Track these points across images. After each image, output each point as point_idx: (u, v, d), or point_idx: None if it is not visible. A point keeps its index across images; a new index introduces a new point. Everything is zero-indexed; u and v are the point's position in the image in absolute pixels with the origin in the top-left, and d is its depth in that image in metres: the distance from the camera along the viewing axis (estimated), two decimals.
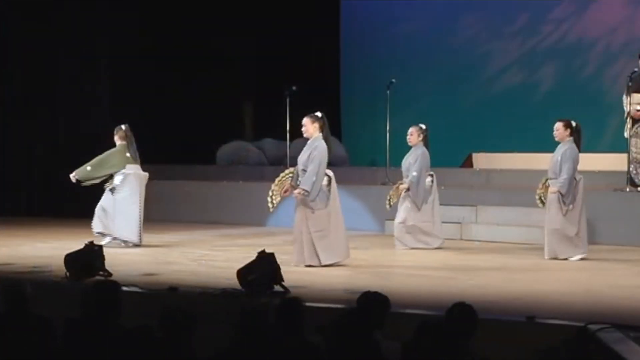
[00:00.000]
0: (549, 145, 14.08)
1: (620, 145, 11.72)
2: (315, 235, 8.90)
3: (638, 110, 11.22)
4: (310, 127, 9.03)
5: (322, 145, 8.92)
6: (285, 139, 13.89)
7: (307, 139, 9.13)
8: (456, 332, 4.64)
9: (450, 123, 15.56)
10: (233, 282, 7.47)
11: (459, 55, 15.79)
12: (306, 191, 8.79)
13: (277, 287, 7.41)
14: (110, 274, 8.08)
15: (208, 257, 9.96)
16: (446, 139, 15.18)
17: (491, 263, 9.47)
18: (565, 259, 9.45)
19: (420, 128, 10.64)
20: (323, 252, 8.92)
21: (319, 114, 9.11)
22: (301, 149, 15.06)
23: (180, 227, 12.93)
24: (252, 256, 7.62)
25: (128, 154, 10.88)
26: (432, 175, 10.56)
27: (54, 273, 8.39)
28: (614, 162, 12.28)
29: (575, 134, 9.70)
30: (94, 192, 13.43)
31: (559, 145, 9.68)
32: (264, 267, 7.46)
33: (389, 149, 13.04)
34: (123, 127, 11.03)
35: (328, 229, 8.95)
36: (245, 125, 17.02)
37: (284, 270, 7.57)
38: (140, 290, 7.49)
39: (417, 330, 4.32)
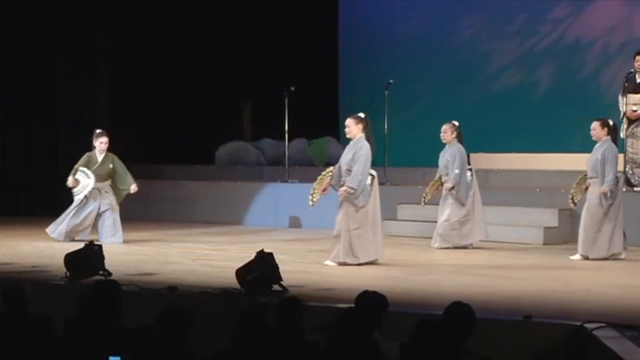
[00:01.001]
0: (548, 145, 14.16)
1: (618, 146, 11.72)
2: (354, 233, 9.03)
3: (634, 111, 11.23)
4: (354, 128, 9.18)
5: (366, 145, 9.09)
6: (284, 139, 13.91)
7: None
8: (454, 331, 4.65)
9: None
10: (232, 281, 7.48)
11: (457, 55, 15.79)
12: (353, 189, 8.94)
13: (276, 287, 7.43)
14: (110, 274, 8.09)
15: (207, 256, 9.97)
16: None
17: (489, 262, 9.48)
18: (605, 258, 9.45)
19: (454, 125, 10.65)
20: (360, 250, 9.05)
21: (362, 114, 9.28)
22: (300, 150, 15.21)
23: (179, 227, 12.94)
24: (251, 256, 7.63)
25: None
26: (471, 170, 10.61)
27: (54, 273, 8.40)
28: None
29: (613, 132, 9.79)
30: None
31: (597, 145, 9.73)
32: (263, 267, 7.47)
33: (388, 149, 13.05)
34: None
35: (366, 227, 9.08)
36: (244, 126, 17.03)
37: (283, 269, 7.59)
38: (139, 289, 7.50)
39: (415, 329, 4.33)
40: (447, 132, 10.61)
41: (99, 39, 14.90)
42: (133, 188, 11.20)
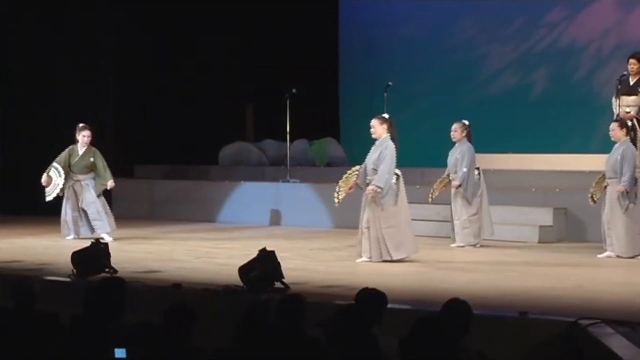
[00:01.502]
0: (543, 146, 14.15)
1: (610, 147, 11.69)
2: (386, 232, 9.09)
3: (627, 112, 11.22)
4: (379, 128, 9.25)
5: (391, 145, 9.15)
6: (286, 140, 13.91)
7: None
8: (452, 328, 4.66)
9: (446, 124, 15.52)
10: (235, 279, 7.48)
11: (455, 57, 15.79)
12: (380, 187, 8.99)
13: (278, 284, 7.43)
14: (115, 271, 8.10)
15: (211, 254, 9.98)
16: (442, 140, 15.18)
17: (486, 260, 9.48)
18: (633, 257, 9.42)
19: (464, 124, 10.63)
20: (394, 247, 9.11)
21: (386, 115, 9.37)
22: (301, 150, 15.21)
23: (183, 226, 12.95)
24: (253, 254, 7.64)
25: None
26: (478, 169, 10.58)
27: (61, 270, 8.41)
28: (604, 162, 12.27)
29: (631, 132, 9.83)
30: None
31: (616, 145, 9.72)
32: (265, 265, 7.48)
33: None
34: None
35: (398, 225, 9.11)
36: (247, 127, 17.03)
37: (284, 267, 7.59)
38: (145, 286, 7.51)
39: (413, 325, 4.34)
40: (457, 131, 10.60)
41: (104, 39, 14.89)
42: (110, 184, 11.31)
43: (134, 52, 15.58)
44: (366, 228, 9.16)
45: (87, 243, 8.47)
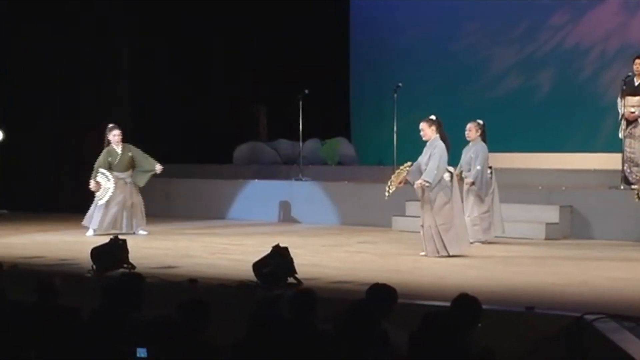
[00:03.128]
0: (547, 146, 14.10)
1: (614, 146, 11.67)
2: (442, 228, 9.12)
3: (632, 112, 11.17)
4: (428, 130, 9.26)
5: (441, 144, 9.16)
6: (298, 140, 13.90)
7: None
8: (460, 322, 4.62)
9: (453, 124, 15.43)
10: (249, 274, 7.47)
11: (461, 60, 15.76)
12: (428, 182, 8.99)
13: (291, 280, 7.41)
14: (134, 267, 8.10)
15: (226, 250, 9.97)
16: (451, 139, 15.12)
17: (493, 256, 9.44)
18: None
19: (478, 123, 10.58)
20: (449, 243, 9.15)
21: (433, 117, 9.32)
22: (313, 149, 15.19)
23: (198, 223, 12.96)
24: (267, 250, 7.62)
25: None
26: (491, 168, 10.53)
27: (81, 266, 8.41)
28: (609, 161, 12.22)
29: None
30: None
31: None
32: (278, 260, 7.46)
33: (396, 149, 13.02)
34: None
35: (452, 222, 9.16)
36: (260, 127, 17.03)
37: (297, 263, 7.57)
38: (162, 282, 7.50)
39: (423, 320, 4.31)
40: (471, 130, 10.54)
41: (119, 40, 14.91)
42: (158, 168, 11.34)
43: (149, 53, 15.59)
44: (421, 226, 9.25)
45: (107, 239, 8.47)
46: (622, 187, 11.16)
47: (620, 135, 11.25)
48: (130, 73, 14.97)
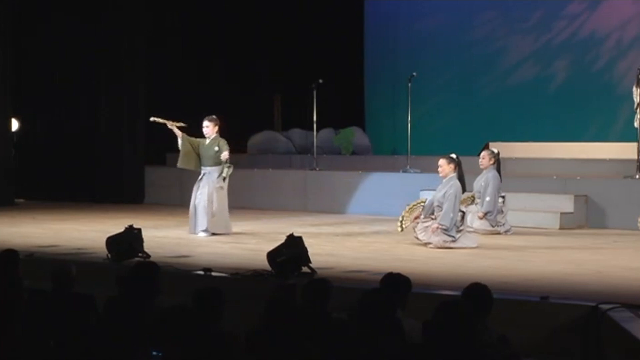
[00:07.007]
0: (562, 135, 14.05)
1: (630, 135, 11.62)
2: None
3: None
4: (446, 167, 9.29)
5: (457, 184, 9.20)
6: (312, 129, 13.89)
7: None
8: (473, 311, 4.62)
9: (468, 113, 15.48)
10: (263, 263, 7.48)
11: (476, 49, 15.71)
12: (444, 226, 9.08)
13: (305, 269, 7.41)
14: (149, 256, 8.12)
15: (240, 240, 9.98)
16: (464, 129, 15.12)
17: (507, 246, 9.42)
18: None
19: (492, 152, 10.60)
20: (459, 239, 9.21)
21: (453, 155, 9.35)
22: (327, 139, 15.19)
23: None
24: (281, 239, 7.63)
25: None
26: (503, 197, 10.49)
27: (97, 255, 8.45)
28: (624, 150, 12.18)
29: None
30: (132, 181, 13.38)
31: None
32: (293, 250, 7.46)
33: (410, 139, 13.00)
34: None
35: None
36: (275, 117, 17.03)
37: (311, 252, 7.57)
38: (176, 271, 7.52)
39: (436, 309, 4.31)
40: (485, 159, 10.54)
41: (138, 36, 14.94)
42: (223, 156, 10.41)
43: (167, 44, 15.62)
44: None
45: (122, 229, 8.49)
46: (637, 176, 11.12)
47: (636, 124, 11.19)
48: (146, 63, 14.98)
